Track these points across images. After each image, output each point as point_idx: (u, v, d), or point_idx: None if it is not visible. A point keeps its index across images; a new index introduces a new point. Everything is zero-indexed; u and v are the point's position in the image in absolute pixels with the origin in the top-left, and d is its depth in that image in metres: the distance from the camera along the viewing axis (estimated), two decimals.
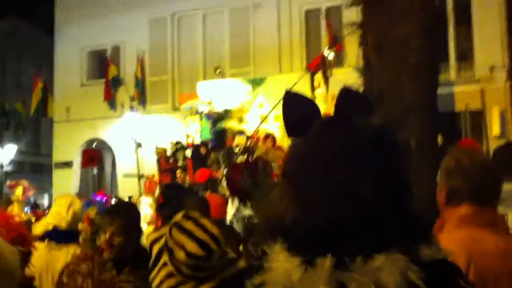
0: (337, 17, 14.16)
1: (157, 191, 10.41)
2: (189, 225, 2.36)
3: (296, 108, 1.15)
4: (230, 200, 7.39)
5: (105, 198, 10.73)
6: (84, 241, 4.96)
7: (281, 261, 1.06)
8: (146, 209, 9.53)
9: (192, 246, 2.29)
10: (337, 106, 1.12)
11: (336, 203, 1.03)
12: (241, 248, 4.03)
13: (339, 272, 0.99)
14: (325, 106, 11.97)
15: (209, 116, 13.48)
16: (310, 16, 15.36)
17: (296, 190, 1.08)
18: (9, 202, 8.40)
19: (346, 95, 1.14)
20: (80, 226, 4.91)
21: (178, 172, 11.07)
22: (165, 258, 2.44)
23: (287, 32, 15.10)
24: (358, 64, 10.12)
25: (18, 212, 7.88)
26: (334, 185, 1.03)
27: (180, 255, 2.31)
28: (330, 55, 12.08)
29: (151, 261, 2.69)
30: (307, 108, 1.14)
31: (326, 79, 11.41)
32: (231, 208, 7.46)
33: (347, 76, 9.67)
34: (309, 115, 1.13)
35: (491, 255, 1.89)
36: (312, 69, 11.79)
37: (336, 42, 12.48)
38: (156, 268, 2.55)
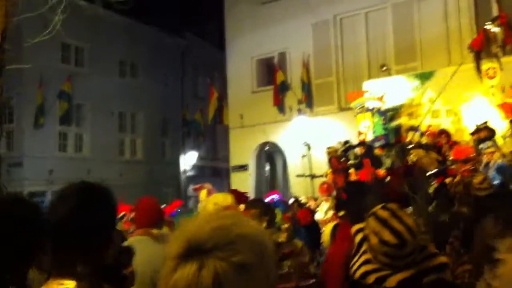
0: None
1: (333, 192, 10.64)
2: (385, 215, 2.48)
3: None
4: None
5: (277, 196, 11.18)
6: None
7: None
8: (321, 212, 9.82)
9: (386, 234, 2.40)
10: None
11: None
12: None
13: None
14: (501, 96, 11.25)
15: (381, 112, 13.33)
16: (481, 2, 14.46)
17: None
18: None
19: None
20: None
21: (351, 172, 11.16)
22: (365, 246, 2.60)
23: (456, 22, 14.35)
24: None
25: None
26: None
27: (374, 242, 2.44)
28: (494, 29, 11.23)
29: (354, 248, 2.83)
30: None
31: (495, 56, 10.61)
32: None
33: None
34: None
35: None
36: (475, 48, 11.06)
37: (500, 17, 11.50)
38: (358, 254, 2.69)
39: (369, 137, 13.24)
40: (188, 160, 23.96)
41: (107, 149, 21.35)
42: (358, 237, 2.75)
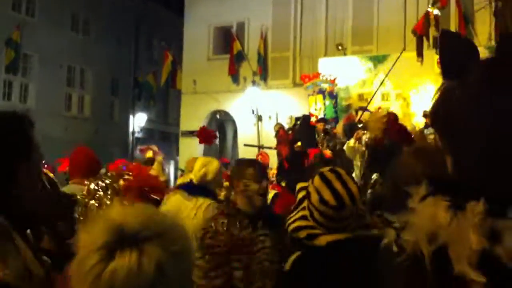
0: None
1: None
2: (331, 176, 2.51)
3: (452, 48, 1.04)
4: None
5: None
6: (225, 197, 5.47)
7: (426, 204, 0.93)
8: None
9: (327, 194, 2.44)
10: (441, 51, 1.04)
11: (498, 154, 0.91)
12: None
13: (493, 219, 0.86)
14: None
15: (332, 94, 13.58)
16: None
17: (451, 136, 1.00)
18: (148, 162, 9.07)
19: (448, 37, 1.06)
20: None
21: (297, 144, 11.37)
22: (306, 203, 2.61)
23: (414, 12, 14.70)
24: (490, 43, 9.76)
25: (157, 171, 8.54)
26: (499, 135, 0.91)
27: (315, 199, 2.47)
28: (434, 11, 11.73)
29: (294, 206, 2.82)
30: (464, 49, 1.02)
31: (435, 40, 11.16)
32: None
33: None
34: (466, 56, 1.00)
35: None
36: (418, 31, 11.53)
37: (467, 21, 12.04)
38: (296, 210, 2.71)
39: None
40: (137, 121, 23.66)
41: (54, 102, 20.77)
42: (301, 194, 2.76)
